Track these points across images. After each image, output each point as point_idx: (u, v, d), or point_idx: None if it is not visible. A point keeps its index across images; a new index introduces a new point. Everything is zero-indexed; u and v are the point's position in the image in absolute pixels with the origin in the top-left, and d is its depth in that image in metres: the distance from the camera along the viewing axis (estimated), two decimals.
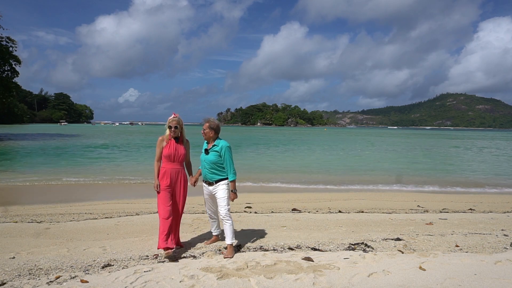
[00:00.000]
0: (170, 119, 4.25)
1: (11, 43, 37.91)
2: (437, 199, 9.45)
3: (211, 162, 4.22)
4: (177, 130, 4.24)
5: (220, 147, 4.24)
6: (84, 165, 17.12)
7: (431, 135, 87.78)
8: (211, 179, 4.28)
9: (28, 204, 8.14)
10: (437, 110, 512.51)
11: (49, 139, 37.48)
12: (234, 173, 4.27)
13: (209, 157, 4.24)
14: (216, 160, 4.22)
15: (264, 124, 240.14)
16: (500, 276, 3.56)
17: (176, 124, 4.23)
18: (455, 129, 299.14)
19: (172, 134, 4.22)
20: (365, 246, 4.63)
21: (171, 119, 4.25)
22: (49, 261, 3.93)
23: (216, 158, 4.22)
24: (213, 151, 4.24)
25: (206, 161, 4.25)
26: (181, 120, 4.30)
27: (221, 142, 4.27)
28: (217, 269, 3.65)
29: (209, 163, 4.23)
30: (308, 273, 3.56)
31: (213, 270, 3.62)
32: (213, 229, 4.73)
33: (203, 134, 4.29)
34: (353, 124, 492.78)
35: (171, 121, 4.24)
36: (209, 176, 4.28)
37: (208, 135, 4.29)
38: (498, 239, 5.03)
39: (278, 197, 9.31)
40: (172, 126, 4.22)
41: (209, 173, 4.26)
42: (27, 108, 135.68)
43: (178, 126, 4.24)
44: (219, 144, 4.26)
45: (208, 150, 4.27)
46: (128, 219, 6.20)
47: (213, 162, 4.22)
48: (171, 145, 4.23)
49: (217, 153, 4.23)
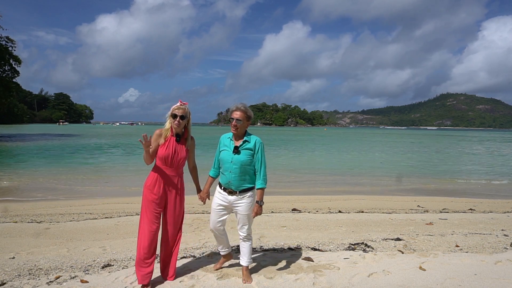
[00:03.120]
0: (175, 107, 3.22)
1: (11, 43, 37.93)
2: (437, 199, 9.45)
3: (242, 164, 3.26)
4: (183, 122, 3.23)
5: (253, 144, 3.31)
6: (85, 165, 17.12)
7: (441, 136, 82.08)
8: (237, 188, 3.30)
9: (28, 204, 8.14)
10: (437, 110, 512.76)
11: (38, 140, 37.46)
12: (265, 179, 3.33)
13: (240, 158, 3.27)
14: (248, 161, 3.29)
15: (264, 124, 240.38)
16: (500, 276, 3.56)
17: (183, 114, 3.20)
18: (459, 129, 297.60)
19: (176, 126, 3.20)
20: (365, 246, 4.62)
21: (177, 106, 3.23)
22: (49, 261, 3.93)
23: (249, 158, 3.29)
24: (246, 149, 3.30)
25: (235, 162, 3.27)
26: (189, 112, 3.29)
27: (253, 137, 3.36)
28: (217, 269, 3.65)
29: (239, 166, 3.26)
30: (308, 273, 3.56)
31: (213, 270, 3.62)
32: (221, 248, 3.66)
33: (236, 128, 3.29)
34: (353, 124, 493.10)
35: (177, 108, 3.21)
36: (235, 183, 3.29)
37: (243, 128, 3.33)
38: (498, 239, 5.02)
39: (278, 197, 9.31)
40: (178, 114, 3.18)
41: (236, 179, 3.28)
42: (27, 108, 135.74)
43: (185, 117, 3.23)
44: (252, 140, 3.33)
45: (238, 148, 3.31)
46: (128, 219, 6.19)
47: (245, 164, 3.28)
48: (170, 144, 3.23)
49: (250, 152, 3.30)
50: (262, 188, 3.31)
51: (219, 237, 3.56)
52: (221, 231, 3.52)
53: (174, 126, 3.20)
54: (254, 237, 4.95)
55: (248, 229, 3.39)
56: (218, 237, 3.57)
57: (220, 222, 3.45)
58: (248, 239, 3.42)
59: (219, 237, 3.56)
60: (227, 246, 3.66)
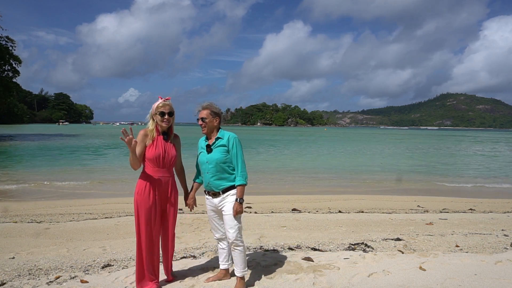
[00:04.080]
0: (158, 104, 3.05)
1: (11, 42, 37.95)
2: (437, 199, 9.44)
3: (217, 162, 3.10)
4: (172, 119, 3.12)
5: (227, 140, 3.15)
6: (84, 165, 17.12)
7: (444, 136, 79.04)
8: (217, 188, 3.14)
9: (28, 204, 8.14)
10: (437, 110, 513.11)
11: (38, 140, 37.46)
12: (244, 175, 3.15)
13: (213, 156, 3.12)
14: (224, 158, 3.11)
15: (264, 124, 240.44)
16: (500, 276, 3.56)
17: (170, 110, 3.08)
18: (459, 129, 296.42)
19: (166, 124, 3.07)
20: (365, 246, 4.62)
21: (161, 103, 3.06)
22: (49, 261, 3.93)
23: (223, 155, 3.12)
24: (219, 147, 3.15)
25: (210, 162, 3.12)
26: (173, 108, 3.14)
27: (227, 133, 3.20)
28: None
29: (214, 165, 3.10)
30: (308, 273, 3.55)
31: (214, 270, 3.61)
32: (222, 260, 3.42)
33: (204, 126, 3.15)
34: (353, 124, 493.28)
35: (162, 106, 3.05)
36: (214, 183, 3.14)
37: (211, 125, 3.16)
38: (498, 239, 5.02)
39: (278, 197, 9.31)
40: (165, 112, 3.04)
41: (214, 179, 3.13)
42: (27, 108, 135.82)
43: (172, 113, 3.11)
44: (225, 136, 3.17)
45: (210, 146, 3.17)
46: (128, 219, 6.19)
47: (220, 161, 3.10)
48: (159, 143, 3.08)
49: (224, 149, 3.13)
50: (242, 185, 3.11)
51: (222, 244, 3.37)
52: (223, 238, 3.33)
53: (162, 124, 3.07)
54: (254, 237, 4.95)
55: (236, 232, 3.09)
56: (221, 244, 3.38)
57: (221, 226, 3.28)
58: (237, 245, 3.13)
59: (222, 244, 3.37)
60: (229, 259, 3.41)
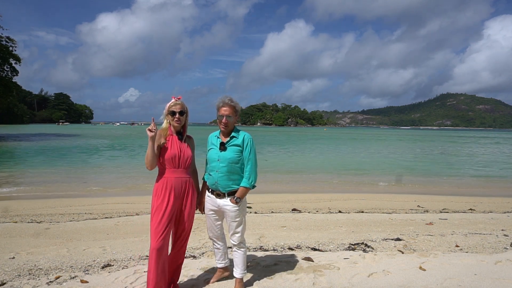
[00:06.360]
0: (170, 104, 2.95)
1: (11, 42, 37.97)
2: (437, 199, 9.44)
3: (229, 162, 2.97)
4: (183, 118, 2.99)
5: (242, 140, 3.02)
6: (85, 165, 17.12)
7: (446, 137, 76.62)
8: (224, 189, 3.00)
9: (28, 204, 8.14)
10: (437, 110, 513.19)
11: (38, 140, 37.47)
12: (251, 179, 3.02)
13: (226, 155, 2.98)
14: (237, 158, 2.99)
15: (264, 124, 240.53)
16: (500, 276, 3.56)
17: (181, 109, 2.95)
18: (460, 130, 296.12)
19: (177, 123, 2.96)
20: (365, 246, 4.62)
21: (173, 102, 2.96)
22: (49, 261, 3.93)
23: (237, 155, 2.99)
24: (233, 145, 3.01)
25: (222, 160, 2.98)
26: (186, 107, 3.02)
27: (242, 132, 3.08)
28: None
29: (226, 164, 2.97)
30: (308, 273, 3.56)
31: (213, 270, 3.62)
32: (218, 259, 3.36)
33: (224, 125, 2.99)
34: (353, 124, 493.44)
35: (174, 105, 2.94)
36: (222, 183, 2.99)
37: (233, 124, 3.04)
38: (498, 239, 5.02)
39: (278, 197, 9.31)
40: (176, 111, 2.93)
41: (222, 179, 2.99)
42: (27, 108, 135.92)
43: (184, 112, 2.98)
44: (240, 136, 3.04)
45: (225, 144, 3.04)
46: (128, 219, 6.19)
47: (232, 161, 2.98)
48: (174, 143, 2.96)
49: (238, 148, 3.00)
50: (245, 188, 2.99)
51: (217, 244, 3.29)
52: (219, 237, 3.25)
53: (174, 124, 2.96)
54: (254, 237, 4.95)
55: (241, 236, 3.08)
56: (216, 244, 3.31)
57: (217, 227, 3.19)
58: (240, 248, 3.12)
59: (216, 244, 3.30)
60: (225, 258, 3.36)
